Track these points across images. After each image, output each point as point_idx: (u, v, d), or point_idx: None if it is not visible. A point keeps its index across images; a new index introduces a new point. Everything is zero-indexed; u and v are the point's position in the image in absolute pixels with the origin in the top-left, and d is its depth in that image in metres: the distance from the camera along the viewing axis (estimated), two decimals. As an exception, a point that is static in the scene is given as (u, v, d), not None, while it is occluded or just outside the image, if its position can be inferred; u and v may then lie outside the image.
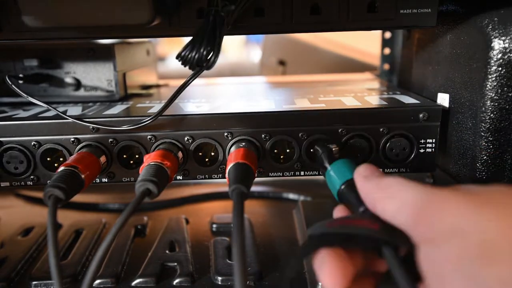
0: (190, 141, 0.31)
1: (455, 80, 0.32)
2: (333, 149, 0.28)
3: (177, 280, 0.32)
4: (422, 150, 0.32)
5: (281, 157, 0.32)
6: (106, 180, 0.32)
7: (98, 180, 0.32)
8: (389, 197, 0.18)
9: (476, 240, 0.14)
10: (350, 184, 0.23)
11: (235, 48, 1.63)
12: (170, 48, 1.33)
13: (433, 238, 0.16)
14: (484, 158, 0.29)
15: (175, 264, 0.34)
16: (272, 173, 0.32)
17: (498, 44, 0.27)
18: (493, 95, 0.28)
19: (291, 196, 0.49)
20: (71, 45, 0.38)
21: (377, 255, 0.19)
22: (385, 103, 0.33)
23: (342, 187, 0.24)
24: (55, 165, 0.32)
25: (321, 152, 0.28)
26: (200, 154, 0.32)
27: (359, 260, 0.19)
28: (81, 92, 0.39)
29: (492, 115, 0.28)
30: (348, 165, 0.25)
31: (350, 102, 0.34)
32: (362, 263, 0.20)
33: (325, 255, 0.18)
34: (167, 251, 0.36)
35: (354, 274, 0.18)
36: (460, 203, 0.16)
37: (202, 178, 0.32)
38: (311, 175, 0.32)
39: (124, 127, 0.30)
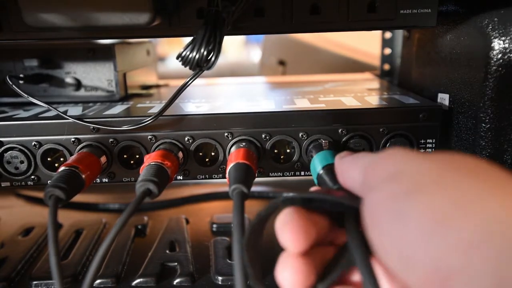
0: (190, 141, 0.31)
1: (455, 80, 0.32)
2: (323, 142, 0.30)
3: (177, 280, 0.32)
4: (422, 150, 0.32)
5: (281, 157, 0.32)
6: (107, 180, 0.32)
7: (98, 180, 0.32)
8: (354, 165, 0.19)
9: (407, 180, 0.15)
10: (329, 168, 0.25)
11: (235, 48, 1.63)
12: (170, 48, 1.33)
13: (374, 186, 0.16)
14: (484, 158, 0.29)
15: (175, 264, 0.34)
16: (272, 173, 0.32)
17: (498, 44, 0.27)
18: (493, 95, 0.28)
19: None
20: (71, 45, 0.38)
21: (338, 226, 0.19)
22: (385, 103, 0.33)
23: (321, 171, 0.25)
24: (56, 165, 0.32)
25: (312, 146, 0.30)
26: (201, 154, 0.32)
27: (322, 227, 0.19)
28: (82, 92, 0.39)
29: (492, 115, 0.28)
30: (332, 154, 0.27)
31: (350, 102, 0.34)
32: (324, 231, 0.19)
33: (289, 213, 0.18)
34: (167, 251, 0.36)
35: (315, 239, 0.18)
36: (403, 156, 0.16)
37: (202, 178, 0.32)
38: (311, 175, 0.32)
39: (125, 127, 0.30)
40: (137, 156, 0.32)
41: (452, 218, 0.12)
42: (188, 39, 0.27)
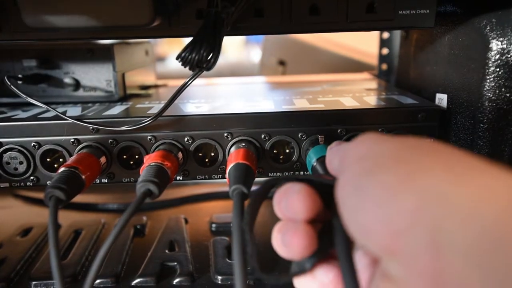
0: (190, 141, 0.31)
1: (453, 80, 0.33)
2: (319, 137, 0.30)
3: (177, 280, 0.32)
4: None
5: (281, 157, 0.32)
6: (106, 181, 0.32)
7: (98, 181, 0.32)
8: (336, 153, 0.20)
9: (370, 161, 0.16)
10: (323, 160, 0.26)
11: (235, 48, 1.63)
12: (170, 48, 1.33)
13: (345, 169, 0.17)
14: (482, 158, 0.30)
15: (175, 263, 0.34)
16: (272, 173, 0.32)
17: (496, 45, 0.27)
18: (491, 95, 0.28)
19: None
20: (70, 46, 0.38)
21: (326, 208, 0.19)
22: (384, 103, 0.33)
23: (315, 163, 0.27)
24: (55, 166, 0.32)
25: (309, 141, 0.31)
26: (200, 154, 0.32)
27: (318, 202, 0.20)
28: (80, 93, 0.39)
29: (490, 115, 0.28)
30: (327, 147, 0.27)
31: (348, 102, 0.34)
32: (319, 207, 0.20)
33: (296, 184, 0.19)
34: (166, 251, 0.36)
35: (318, 211, 0.19)
36: (372, 140, 0.17)
37: (202, 179, 0.32)
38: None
39: (124, 128, 0.30)
40: (136, 157, 0.32)
41: (399, 189, 0.14)
42: (188, 40, 0.27)
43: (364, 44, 0.68)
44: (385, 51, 0.50)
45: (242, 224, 0.19)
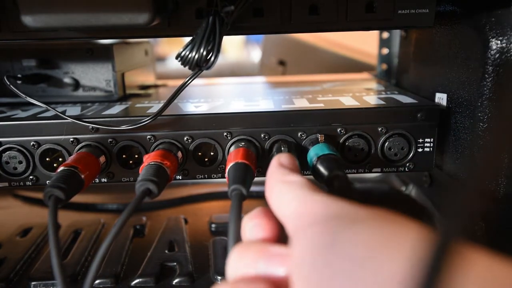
0: (189, 141, 0.31)
1: (453, 80, 0.33)
2: (319, 136, 0.31)
3: (176, 280, 0.32)
4: (420, 150, 0.32)
5: (280, 156, 0.32)
6: (106, 180, 0.32)
7: (97, 180, 0.32)
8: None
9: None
10: (324, 159, 0.27)
11: (235, 48, 1.64)
12: (170, 48, 1.33)
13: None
14: (482, 157, 0.30)
15: (175, 264, 0.34)
16: (271, 173, 0.32)
17: (495, 44, 0.27)
18: (491, 94, 0.28)
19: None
20: (70, 45, 0.38)
21: None
22: (383, 102, 0.33)
23: (316, 161, 0.27)
24: (54, 165, 0.32)
25: (308, 140, 0.31)
26: (200, 154, 0.32)
27: None
28: (80, 92, 0.39)
29: (489, 114, 0.28)
30: (327, 146, 0.29)
31: (348, 102, 0.34)
32: None
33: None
34: (166, 251, 0.36)
35: None
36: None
37: (201, 178, 0.32)
38: (309, 174, 0.32)
39: (124, 127, 0.30)
40: (136, 156, 0.32)
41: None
42: (188, 39, 0.27)
43: (364, 44, 0.68)
44: (384, 51, 0.50)
45: None
